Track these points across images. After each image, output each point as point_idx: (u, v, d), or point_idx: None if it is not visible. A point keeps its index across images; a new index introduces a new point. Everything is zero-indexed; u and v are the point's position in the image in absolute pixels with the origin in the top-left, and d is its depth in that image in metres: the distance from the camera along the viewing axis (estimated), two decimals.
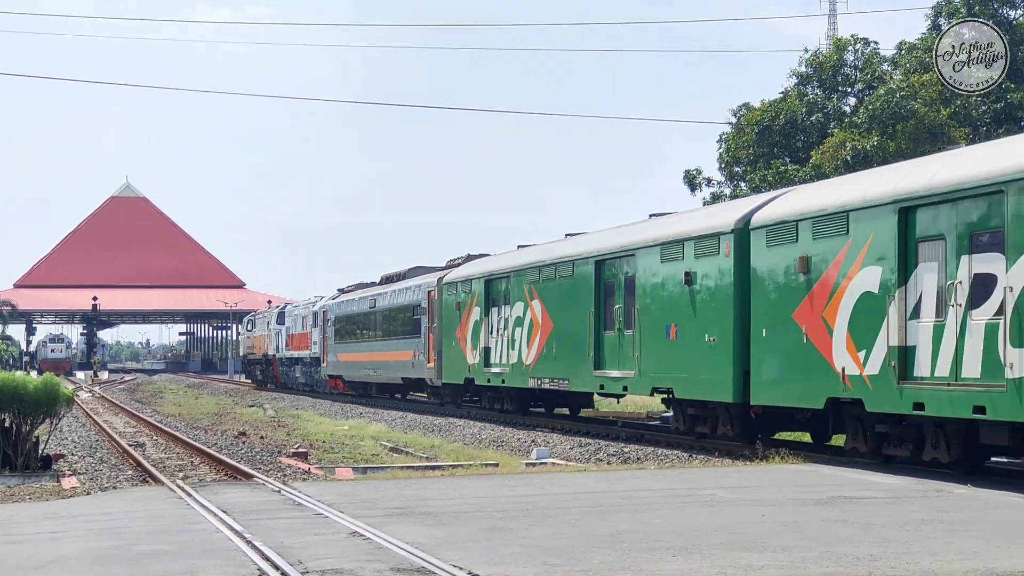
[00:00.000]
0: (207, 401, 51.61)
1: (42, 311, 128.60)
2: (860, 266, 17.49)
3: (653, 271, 23.55)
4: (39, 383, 21.31)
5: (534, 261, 30.41)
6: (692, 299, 21.98)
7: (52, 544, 11.90)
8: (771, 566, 9.65)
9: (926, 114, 40.33)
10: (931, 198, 16.28)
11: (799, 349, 18.89)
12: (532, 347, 29.90)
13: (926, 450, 16.84)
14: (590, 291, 26.58)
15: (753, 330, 20.15)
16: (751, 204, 21.50)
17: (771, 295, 19.80)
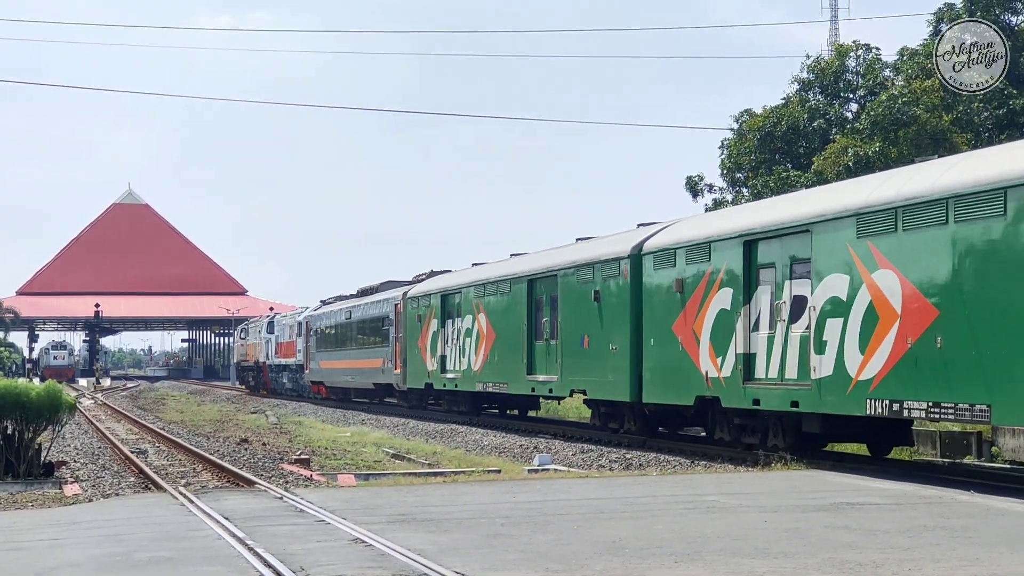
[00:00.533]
0: (209, 408, 51.61)
1: (44, 318, 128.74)
2: (718, 287, 21.34)
3: (571, 289, 27.75)
4: (41, 390, 21.31)
5: (481, 279, 34.49)
6: (600, 313, 26.05)
7: (54, 551, 11.91)
8: (773, 572, 9.65)
9: (928, 120, 40.33)
10: (765, 233, 20.38)
11: (676, 356, 22.72)
12: (479, 355, 33.64)
13: (769, 438, 20.47)
14: (523, 306, 30.88)
15: (644, 340, 24.02)
16: (646, 233, 25.23)
17: (657, 311, 23.58)
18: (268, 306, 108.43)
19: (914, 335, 16.50)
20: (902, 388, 16.68)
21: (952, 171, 16.55)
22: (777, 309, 19.77)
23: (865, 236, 17.57)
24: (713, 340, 21.41)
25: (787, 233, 19.73)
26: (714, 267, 21.51)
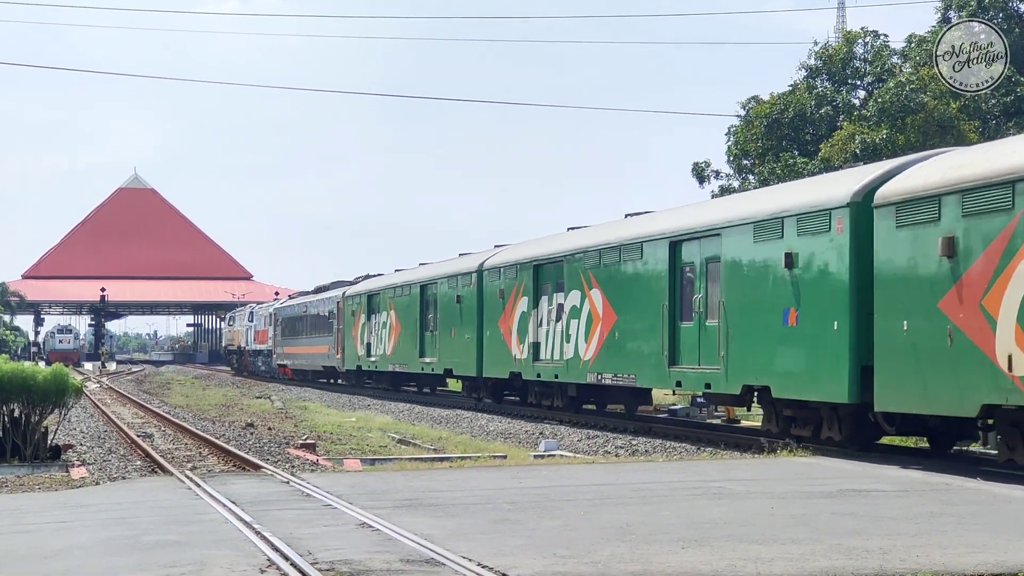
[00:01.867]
0: (214, 392, 51.68)
1: (50, 302, 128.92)
2: (522, 294, 32.00)
3: (445, 295, 35.76)
4: (48, 374, 21.35)
5: (391, 283, 44.31)
6: (461, 313, 34.33)
7: (61, 534, 11.93)
8: (780, 559, 9.65)
9: (935, 107, 40.22)
10: (545, 260, 30.57)
11: (498, 342, 33.58)
12: (392, 342, 43.35)
13: (555, 401, 29.96)
14: (418, 305, 39.57)
15: (483, 331, 33.97)
16: (483, 257, 33.86)
17: (491, 312, 33.10)
18: (274, 291, 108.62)
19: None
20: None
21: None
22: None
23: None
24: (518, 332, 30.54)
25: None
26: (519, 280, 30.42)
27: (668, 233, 23.67)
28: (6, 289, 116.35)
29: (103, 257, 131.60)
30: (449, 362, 36.83)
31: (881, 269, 17.15)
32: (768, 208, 20.58)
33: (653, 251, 24.19)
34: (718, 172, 49.96)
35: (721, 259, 21.50)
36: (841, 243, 18.20)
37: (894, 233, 16.91)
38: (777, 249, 19.63)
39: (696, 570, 9.23)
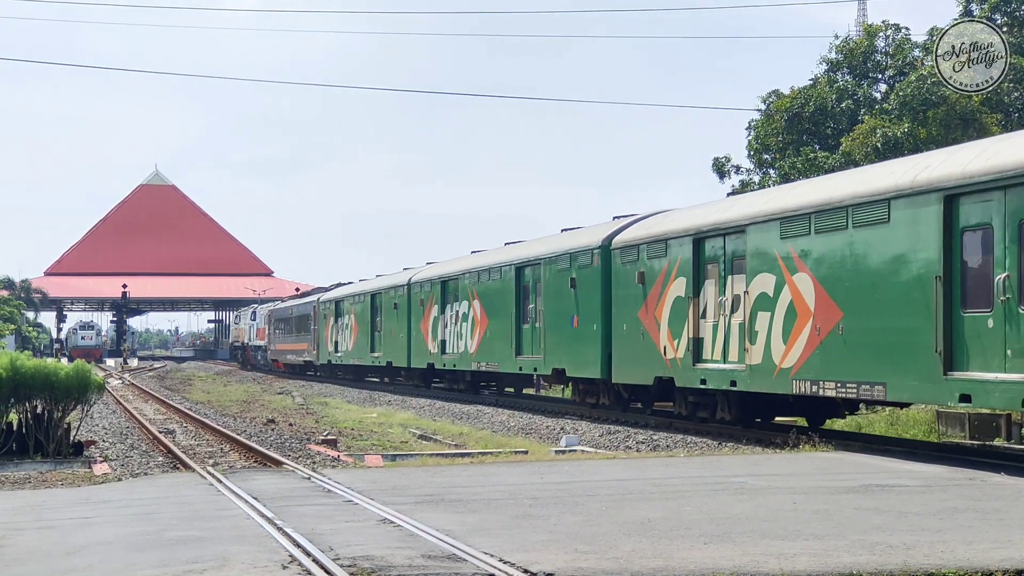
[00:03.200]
0: (235, 388, 51.81)
1: (72, 298, 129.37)
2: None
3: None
4: (70, 370, 21.43)
5: (352, 292, 53.57)
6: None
7: (84, 529, 11.95)
8: (803, 554, 9.60)
9: (957, 100, 40.02)
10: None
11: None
12: (352, 341, 52.21)
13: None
14: (368, 311, 46.72)
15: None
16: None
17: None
18: (294, 287, 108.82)
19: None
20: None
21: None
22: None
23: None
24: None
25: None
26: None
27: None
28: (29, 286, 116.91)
29: (125, 253, 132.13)
30: (392, 356, 45.75)
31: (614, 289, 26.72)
32: (559, 245, 30.46)
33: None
34: (738, 167, 49.85)
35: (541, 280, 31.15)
36: (598, 271, 27.49)
37: (620, 267, 26.29)
38: (567, 275, 29.00)
39: (718, 566, 9.19)
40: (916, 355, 16.93)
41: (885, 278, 17.81)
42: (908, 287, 17.25)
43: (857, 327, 18.41)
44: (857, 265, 18.42)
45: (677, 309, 23.83)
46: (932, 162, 17.46)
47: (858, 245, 18.38)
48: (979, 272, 16.24)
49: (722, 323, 22.40)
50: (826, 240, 19.15)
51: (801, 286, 19.82)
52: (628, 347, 25.97)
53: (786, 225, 20.22)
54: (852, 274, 18.53)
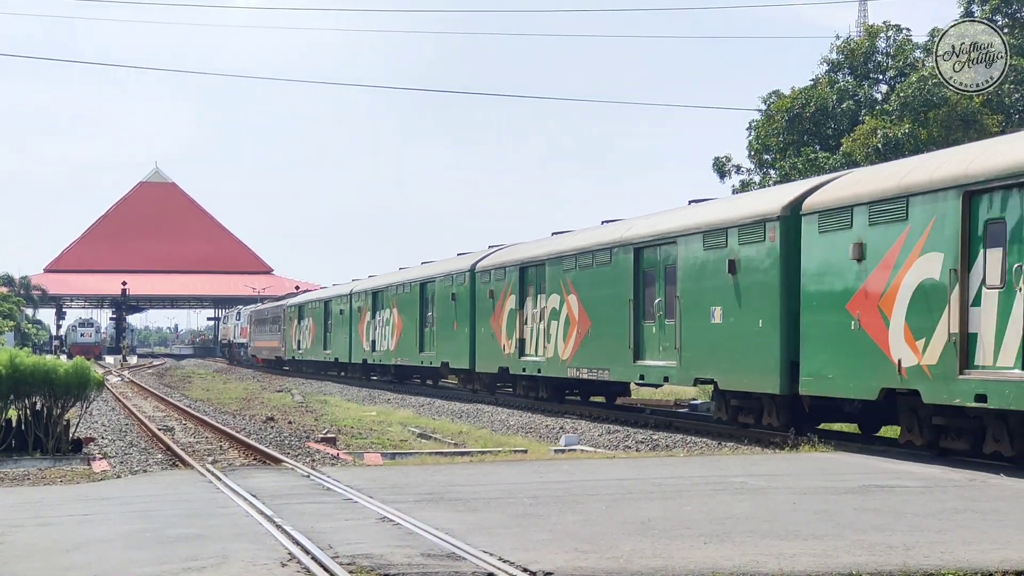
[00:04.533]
0: (235, 386, 51.82)
1: (72, 296, 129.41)
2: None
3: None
4: (70, 367, 21.42)
5: (313, 298, 63.86)
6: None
7: (83, 527, 11.94)
8: (803, 554, 9.60)
9: (958, 101, 40.01)
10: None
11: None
12: (309, 340, 62.59)
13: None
14: (321, 315, 57.43)
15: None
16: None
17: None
18: (294, 285, 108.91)
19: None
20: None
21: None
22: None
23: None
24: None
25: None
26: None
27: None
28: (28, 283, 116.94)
29: (124, 251, 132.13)
30: (339, 353, 55.38)
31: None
32: (444, 268, 38.02)
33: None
34: (739, 167, 49.84)
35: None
36: (467, 288, 35.28)
37: (480, 286, 32.32)
38: (450, 290, 35.42)
39: (718, 565, 9.19)
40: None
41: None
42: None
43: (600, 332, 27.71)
44: (599, 288, 27.76)
45: (510, 317, 33.42)
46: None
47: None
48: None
49: (536, 328, 31.75)
50: (584, 273, 28.73)
51: (572, 303, 29.18)
52: (484, 345, 35.60)
53: (564, 261, 30.05)
54: (599, 295, 27.66)
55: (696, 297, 23.12)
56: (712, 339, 22.56)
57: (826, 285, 19.22)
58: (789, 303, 20.19)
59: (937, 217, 16.68)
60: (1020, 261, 15.18)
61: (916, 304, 17.06)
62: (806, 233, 19.67)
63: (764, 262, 20.96)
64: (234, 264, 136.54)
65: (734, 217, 22.23)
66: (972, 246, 16.07)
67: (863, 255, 18.24)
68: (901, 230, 17.41)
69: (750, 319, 21.31)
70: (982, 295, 15.88)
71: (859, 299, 18.35)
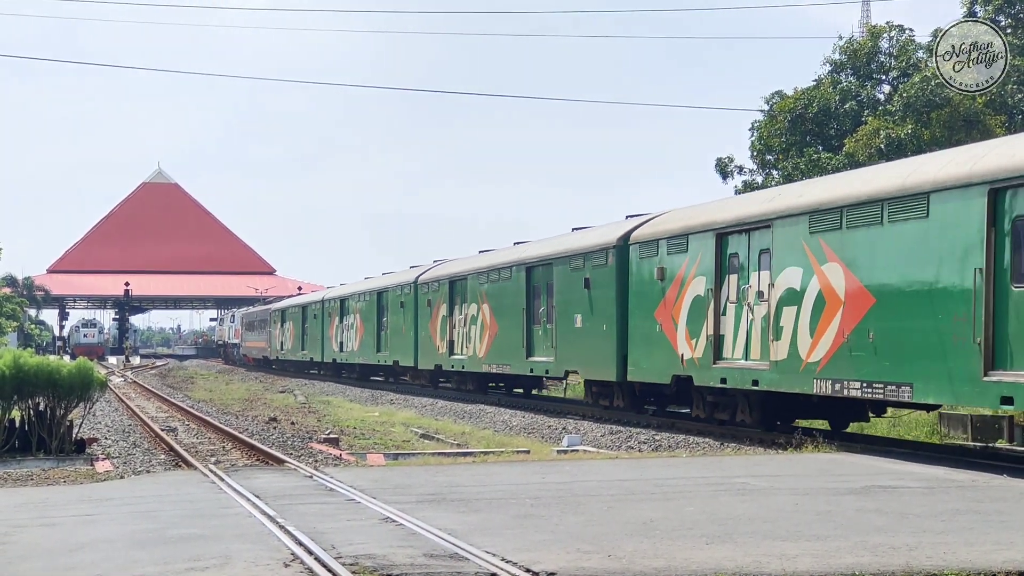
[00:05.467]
0: (237, 387, 51.85)
1: (74, 296, 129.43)
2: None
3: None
4: (73, 368, 21.44)
5: (292, 304, 70.09)
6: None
7: (87, 527, 11.97)
8: (805, 555, 9.60)
9: (961, 102, 39.99)
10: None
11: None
12: (290, 341, 68.12)
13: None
14: (299, 319, 62.59)
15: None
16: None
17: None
18: (296, 286, 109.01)
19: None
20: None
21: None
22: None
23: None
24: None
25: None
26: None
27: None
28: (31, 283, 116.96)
29: (127, 251, 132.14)
30: (314, 353, 61.74)
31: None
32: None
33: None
34: (741, 167, 49.81)
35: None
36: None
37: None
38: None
39: (720, 566, 9.20)
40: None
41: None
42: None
43: (504, 334, 34.09)
44: (504, 299, 34.18)
45: (443, 323, 39.50)
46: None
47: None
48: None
49: (461, 331, 36.86)
50: (494, 286, 35.16)
51: (486, 311, 35.50)
52: (424, 346, 41.38)
53: (480, 276, 36.68)
54: (503, 305, 34.13)
55: (566, 307, 29.34)
56: (576, 340, 28.77)
57: (642, 298, 25.42)
58: (622, 312, 26.26)
59: (703, 250, 22.92)
60: (746, 284, 21.58)
61: (692, 312, 23.37)
62: (632, 259, 26.02)
63: (606, 280, 26.96)
64: (237, 265, 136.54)
65: (586, 245, 28.72)
66: (722, 273, 22.42)
67: (663, 276, 24.35)
68: (684, 259, 23.73)
69: (598, 324, 27.35)
70: (727, 307, 22.26)
71: (660, 309, 24.54)
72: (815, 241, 19.53)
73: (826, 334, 19.14)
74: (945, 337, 16.47)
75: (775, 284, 20.54)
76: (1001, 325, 15.67)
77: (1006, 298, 15.64)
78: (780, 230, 20.55)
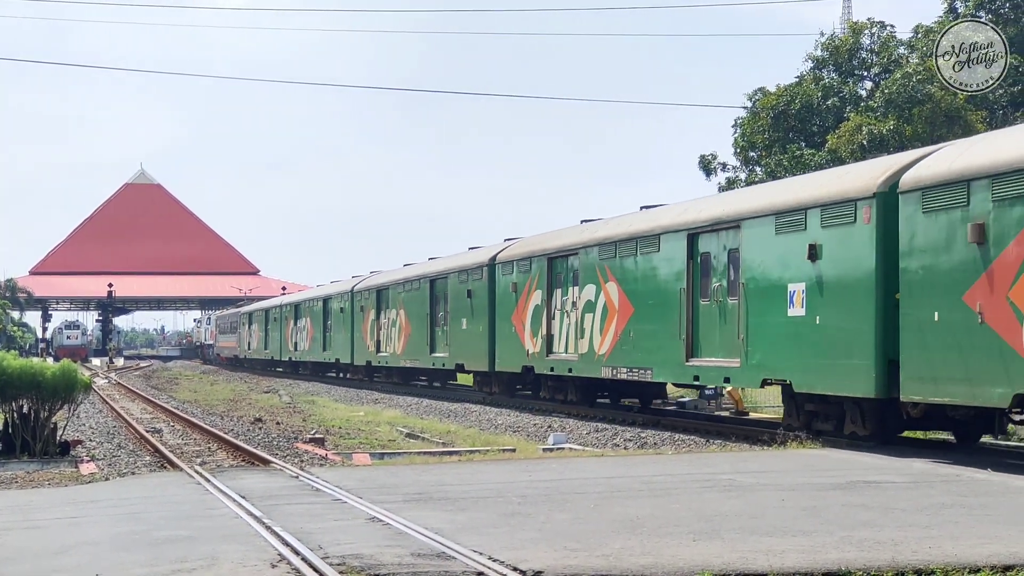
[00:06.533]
0: (222, 387, 51.72)
1: (57, 298, 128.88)
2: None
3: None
4: (56, 370, 21.36)
5: (265, 306, 74.96)
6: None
7: (72, 529, 11.93)
8: (792, 550, 9.63)
9: (943, 98, 40.14)
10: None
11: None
12: (257, 341, 75.52)
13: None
14: (261, 322, 74.00)
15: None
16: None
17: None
18: (280, 286, 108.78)
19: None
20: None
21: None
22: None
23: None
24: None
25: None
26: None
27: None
28: (14, 285, 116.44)
29: (110, 252, 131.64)
30: (274, 352, 69.45)
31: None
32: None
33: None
34: (725, 164, 49.92)
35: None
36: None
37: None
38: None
39: (707, 562, 9.21)
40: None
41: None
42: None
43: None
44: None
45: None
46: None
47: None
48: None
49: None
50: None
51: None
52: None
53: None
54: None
55: (456, 312, 36.97)
56: (463, 339, 35.75)
57: (504, 306, 32.72)
58: (491, 316, 33.96)
59: (540, 270, 31.23)
60: (565, 297, 29.16)
61: (534, 317, 31.25)
62: (498, 275, 33.38)
63: (482, 291, 34.37)
64: (220, 265, 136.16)
65: (468, 263, 35.96)
66: (551, 287, 30.35)
67: (515, 289, 31.62)
68: (528, 276, 31.32)
69: (477, 326, 34.71)
70: (555, 314, 30.36)
71: (515, 314, 31.43)
72: (603, 265, 26.91)
73: (609, 334, 26.53)
74: (670, 335, 23.72)
75: (580, 298, 28.12)
76: (695, 327, 23.09)
77: (697, 308, 23.00)
78: (583, 257, 28.03)
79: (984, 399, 15.82)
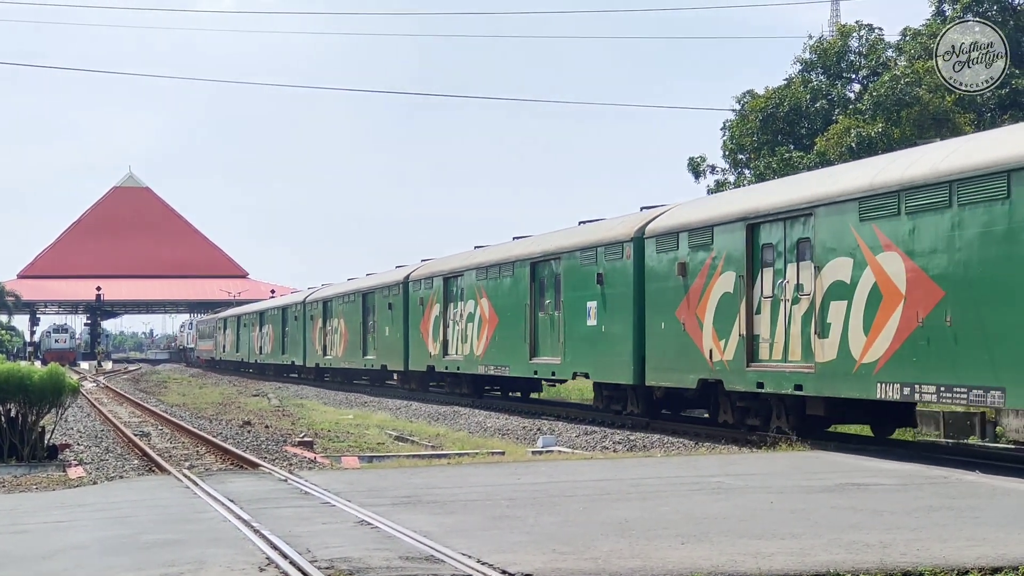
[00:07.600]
0: (211, 391, 51.62)
1: (46, 301, 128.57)
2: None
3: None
4: (44, 373, 21.29)
5: (232, 313, 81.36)
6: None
7: (59, 534, 11.89)
8: (780, 553, 9.63)
9: (931, 100, 40.25)
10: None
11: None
12: (227, 344, 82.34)
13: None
14: (254, 325, 70.74)
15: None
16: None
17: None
18: (269, 289, 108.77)
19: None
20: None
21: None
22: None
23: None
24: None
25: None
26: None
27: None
28: (2, 289, 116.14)
29: (99, 256, 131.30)
30: (244, 354, 75.24)
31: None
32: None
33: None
34: (713, 167, 49.99)
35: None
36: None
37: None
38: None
39: (696, 565, 9.21)
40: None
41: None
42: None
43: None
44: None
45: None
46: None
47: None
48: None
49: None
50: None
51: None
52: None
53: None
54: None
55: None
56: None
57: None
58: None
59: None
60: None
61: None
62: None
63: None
64: (209, 268, 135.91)
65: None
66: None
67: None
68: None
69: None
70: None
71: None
72: (479, 285, 33.92)
73: (483, 339, 32.82)
74: (520, 340, 30.11)
75: (465, 310, 34.36)
76: (536, 334, 29.63)
77: (537, 319, 29.66)
78: (467, 277, 34.09)
79: (686, 383, 22.58)
